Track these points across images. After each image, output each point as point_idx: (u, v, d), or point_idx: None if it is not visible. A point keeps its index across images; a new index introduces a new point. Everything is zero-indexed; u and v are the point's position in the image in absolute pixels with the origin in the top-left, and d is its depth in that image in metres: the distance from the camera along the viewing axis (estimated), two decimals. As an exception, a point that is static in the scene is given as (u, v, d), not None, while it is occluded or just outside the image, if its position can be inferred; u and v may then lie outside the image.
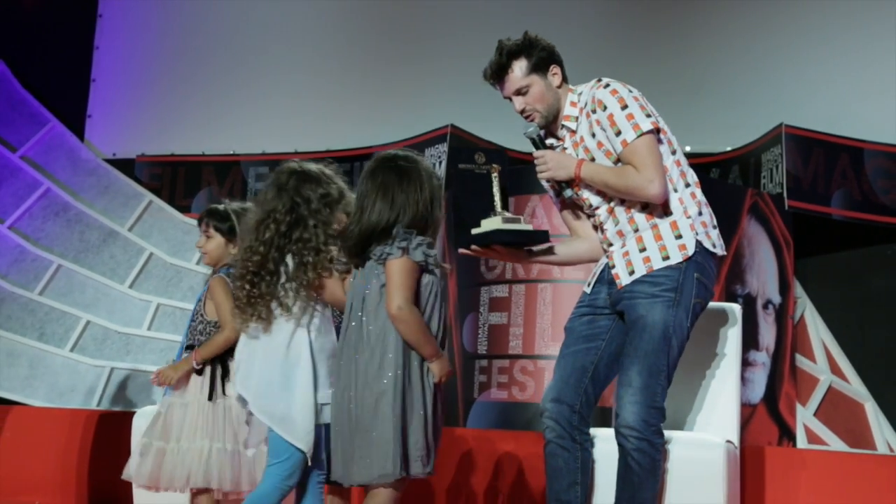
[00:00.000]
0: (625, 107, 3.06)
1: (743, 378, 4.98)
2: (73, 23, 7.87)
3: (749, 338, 5.52)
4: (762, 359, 5.73)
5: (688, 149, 6.60)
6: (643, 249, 3.08)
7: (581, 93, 3.18)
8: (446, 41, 7.25)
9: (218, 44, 7.80)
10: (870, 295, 6.27)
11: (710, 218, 3.16)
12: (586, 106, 3.14)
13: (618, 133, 3.06)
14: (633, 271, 3.07)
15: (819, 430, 5.97)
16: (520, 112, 3.18)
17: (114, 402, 6.33)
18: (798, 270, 6.12)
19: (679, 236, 3.07)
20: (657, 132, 3.08)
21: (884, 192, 6.22)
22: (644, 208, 3.10)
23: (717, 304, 3.69)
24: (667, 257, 3.05)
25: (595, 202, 3.18)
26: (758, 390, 5.70)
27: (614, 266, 3.13)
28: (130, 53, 7.93)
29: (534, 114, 3.16)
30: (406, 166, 2.91)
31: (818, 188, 6.18)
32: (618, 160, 3.09)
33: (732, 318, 3.60)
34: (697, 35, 7.04)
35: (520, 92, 3.15)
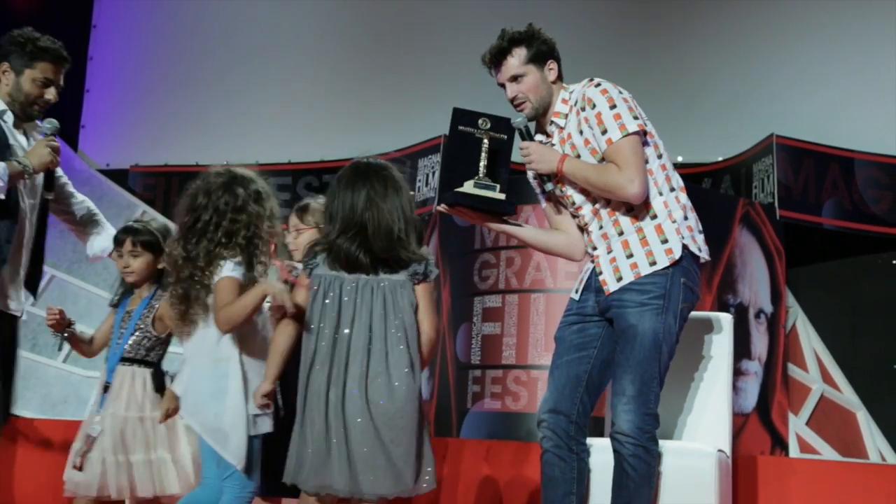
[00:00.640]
0: (613, 106, 3.09)
1: (735, 387, 5.00)
2: (67, 33, 7.85)
3: (741, 347, 5.54)
4: (754, 368, 5.75)
5: (680, 159, 6.64)
6: (630, 255, 3.09)
7: (573, 91, 3.22)
8: (440, 52, 7.28)
9: (211, 54, 7.82)
10: (861, 304, 6.29)
11: (696, 223, 3.18)
12: (577, 104, 3.18)
13: (604, 131, 3.09)
14: (621, 277, 3.09)
15: (811, 439, 5.99)
16: (511, 100, 3.22)
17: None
18: (790, 280, 6.15)
19: (665, 240, 3.08)
20: (643, 134, 3.11)
21: (874, 202, 6.25)
22: (629, 211, 3.12)
23: (709, 314, 3.72)
24: (654, 262, 3.07)
25: (578, 200, 3.20)
26: (750, 399, 5.71)
27: (601, 272, 3.14)
28: (124, 64, 7.95)
29: (525, 103, 3.20)
30: (396, 176, 2.92)
31: (809, 198, 6.21)
32: (603, 158, 3.12)
33: (724, 328, 3.62)
34: (689, 46, 7.08)
35: (514, 79, 3.19)
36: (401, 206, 2.86)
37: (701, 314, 3.68)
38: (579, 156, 3.17)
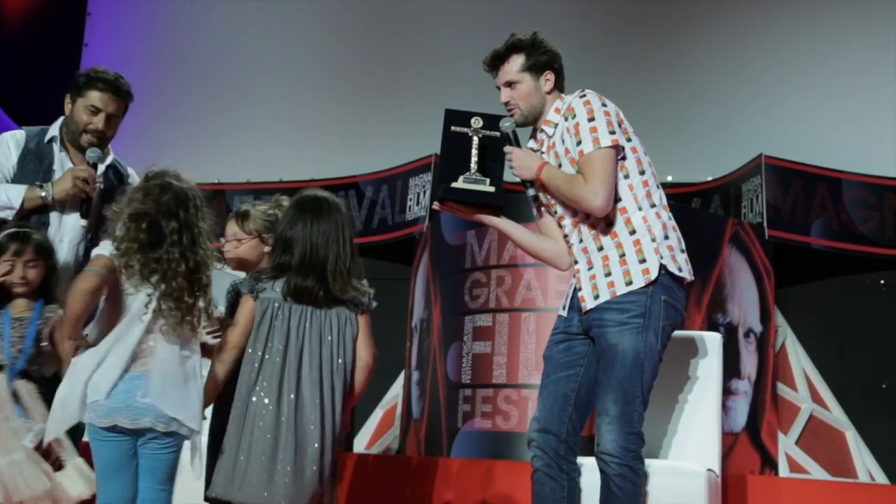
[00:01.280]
0: (591, 119, 3.14)
1: (725, 407, 5.01)
2: (58, 51, 7.89)
3: (730, 366, 5.55)
4: (744, 387, 5.76)
5: (669, 178, 6.68)
6: (608, 274, 3.12)
7: (566, 101, 3.27)
8: (431, 70, 7.32)
9: (202, 74, 7.85)
10: (850, 323, 6.32)
11: (678, 242, 3.19)
12: (564, 114, 3.23)
13: (578, 143, 3.14)
14: (598, 296, 3.11)
15: (800, 459, 6.00)
16: (504, 104, 3.30)
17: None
18: (779, 299, 6.17)
19: (643, 260, 3.10)
20: (619, 149, 3.14)
21: (862, 222, 6.29)
22: (609, 226, 3.15)
23: (698, 333, 3.73)
24: (630, 282, 3.09)
25: (560, 210, 3.25)
26: (740, 419, 5.72)
27: (581, 288, 3.17)
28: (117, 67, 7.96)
29: (515, 109, 3.27)
30: (347, 212, 3.07)
31: (797, 218, 6.25)
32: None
33: (713, 348, 3.63)
34: (678, 67, 7.13)
35: (509, 84, 3.27)
36: (351, 243, 3.01)
37: (690, 333, 3.70)
38: (561, 165, 3.21)
